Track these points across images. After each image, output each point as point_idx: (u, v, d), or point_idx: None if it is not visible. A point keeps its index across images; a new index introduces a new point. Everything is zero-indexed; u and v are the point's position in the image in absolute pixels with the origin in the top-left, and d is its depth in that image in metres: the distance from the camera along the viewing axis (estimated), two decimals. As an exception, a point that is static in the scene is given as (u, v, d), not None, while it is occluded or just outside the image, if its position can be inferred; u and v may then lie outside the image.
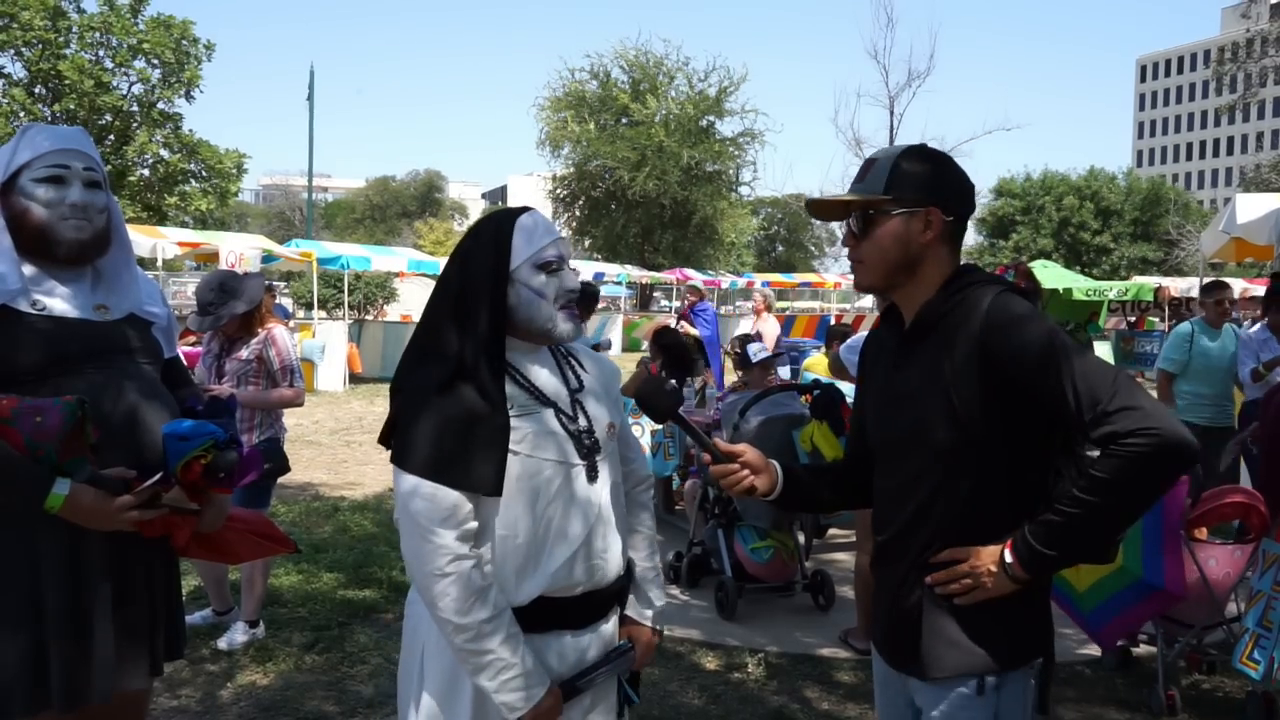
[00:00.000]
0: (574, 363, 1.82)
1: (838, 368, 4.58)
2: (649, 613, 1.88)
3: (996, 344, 1.53)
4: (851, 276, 1.78)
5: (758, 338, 8.62)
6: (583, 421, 1.74)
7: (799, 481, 1.86)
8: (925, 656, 1.63)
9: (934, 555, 1.61)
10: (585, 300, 6.57)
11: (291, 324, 14.59)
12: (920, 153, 1.68)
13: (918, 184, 1.63)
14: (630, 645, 1.83)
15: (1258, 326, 5.82)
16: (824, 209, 1.76)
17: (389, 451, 1.68)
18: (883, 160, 1.67)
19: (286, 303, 23.58)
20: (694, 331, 11.12)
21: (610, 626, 1.80)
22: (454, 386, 1.61)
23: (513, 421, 1.64)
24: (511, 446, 1.63)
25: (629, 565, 1.84)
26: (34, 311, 1.91)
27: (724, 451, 1.76)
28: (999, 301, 1.57)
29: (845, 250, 1.74)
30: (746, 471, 1.76)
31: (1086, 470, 1.49)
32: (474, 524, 1.61)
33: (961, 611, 1.60)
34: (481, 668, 1.60)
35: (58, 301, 1.95)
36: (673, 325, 9.89)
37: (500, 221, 1.73)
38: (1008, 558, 1.55)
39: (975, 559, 1.57)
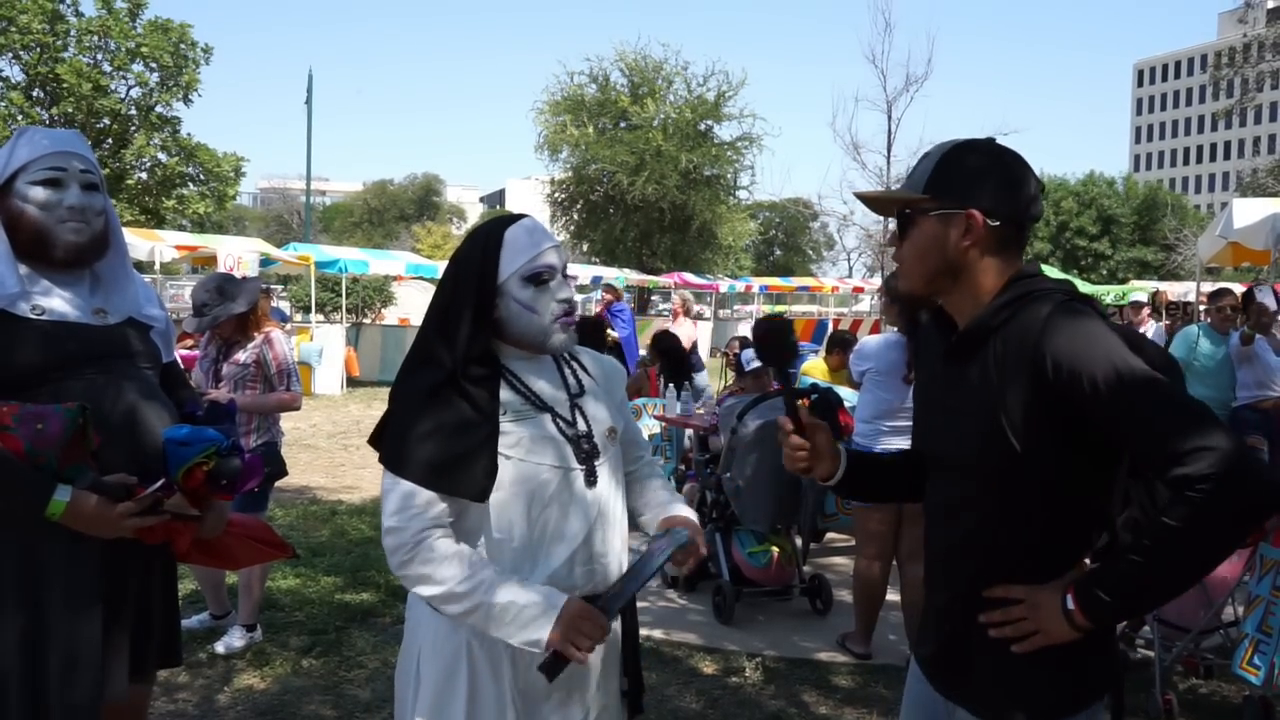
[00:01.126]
0: (576, 366, 1.82)
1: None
2: (687, 511, 1.84)
3: (1053, 364, 1.38)
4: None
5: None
6: (581, 426, 1.73)
7: (861, 473, 1.76)
8: (980, 692, 1.52)
9: (987, 589, 1.48)
10: (592, 332, 6.45)
11: (289, 327, 14.59)
12: (972, 148, 1.52)
13: (958, 183, 1.49)
14: (669, 535, 1.72)
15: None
16: (874, 204, 1.67)
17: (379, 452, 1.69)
18: (933, 154, 1.54)
19: (284, 306, 23.55)
20: (612, 333, 10.89)
21: (614, 628, 1.79)
22: (444, 393, 1.62)
23: (508, 426, 1.64)
24: (506, 451, 1.63)
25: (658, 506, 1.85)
26: (33, 315, 1.91)
27: (805, 425, 1.66)
28: (1058, 316, 1.42)
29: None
30: (810, 453, 1.66)
31: (1157, 518, 1.33)
32: (449, 520, 1.62)
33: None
34: (488, 622, 1.57)
35: (56, 304, 1.95)
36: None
37: (489, 232, 1.72)
38: (1070, 604, 1.39)
39: (1034, 605, 1.43)
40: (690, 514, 1.86)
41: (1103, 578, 1.39)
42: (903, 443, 3.74)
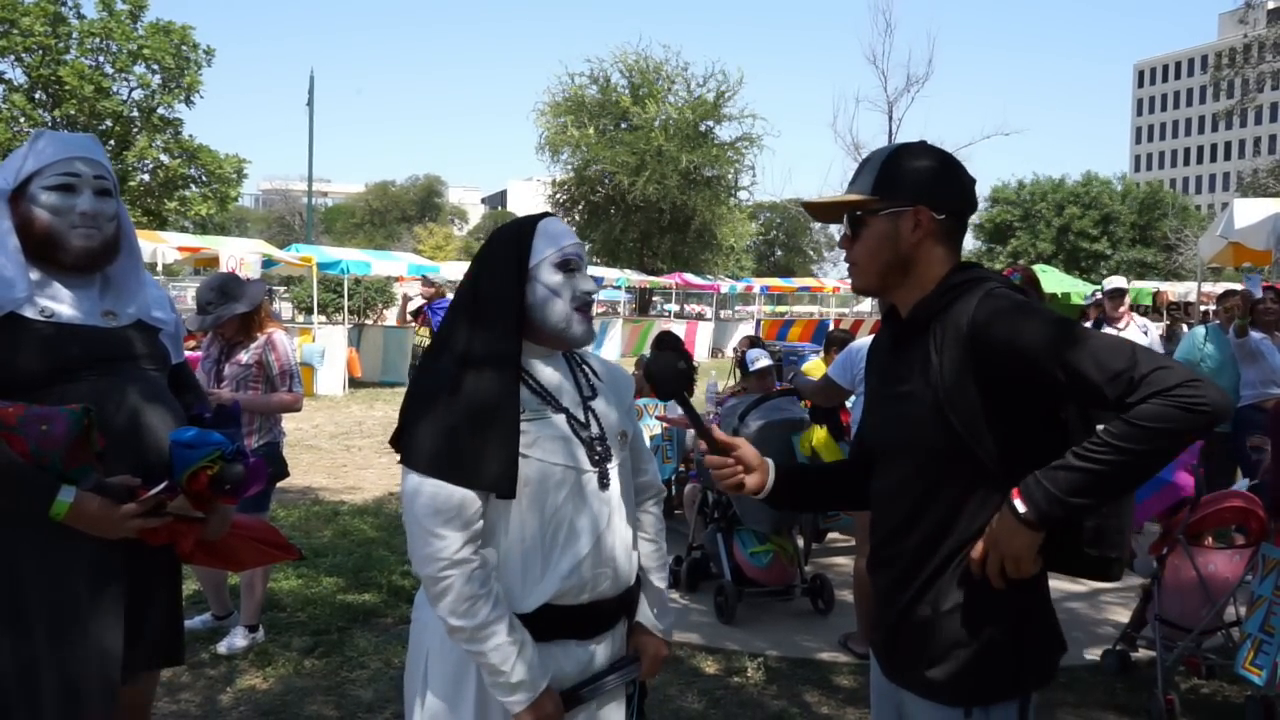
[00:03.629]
0: (588, 370, 1.83)
1: (831, 388, 4.48)
2: (657, 622, 1.88)
3: (990, 339, 1.48)
4: (849, 280, 1.76)
5: None
6: (594, 428, 1.73)
7: (794, 482, 1.82)
8: (914, 672, 1.60)
9: (919, 568, 1.57)
10: None
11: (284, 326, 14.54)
12: (911, 150, 1.64)
13: (905, 183, 1.59)
14: (637, 655, 1.82)
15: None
16: (820, 211, 1.74)
17: (394, 454, 1.68)
18: (874, 160, 1.64)
19: (287, 307, 23.56)
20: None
21: (618, 636, 1.80)
22: (466, 386, 1.61)
23: (523, 425, 1.64)
24: (523, 450, 1.63)
25: (638, 575, 1.84)
26: (41, 318, 1.92)
27: (721, 443, 1.73)
28: (990, 296, 1.53)
29: (842, 256, 1.72)
30: (739, 467, 1.73)
31: (1119, 417, 1.39)
32: (480, 524, 1.61)
33: (954, 631, 1.54)
34: (480, 665, 1.63)
35: (65, 307, 1.96)
36: (410, 322, 8.79)
37: (522, 223, 1.75)
38: (1019, 507, 1.45)
39: (991, 537, 1.49)
40: (655, 612, 1.88)
41: (1051, 474, 1.44)
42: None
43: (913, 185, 1.59)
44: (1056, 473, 1.44)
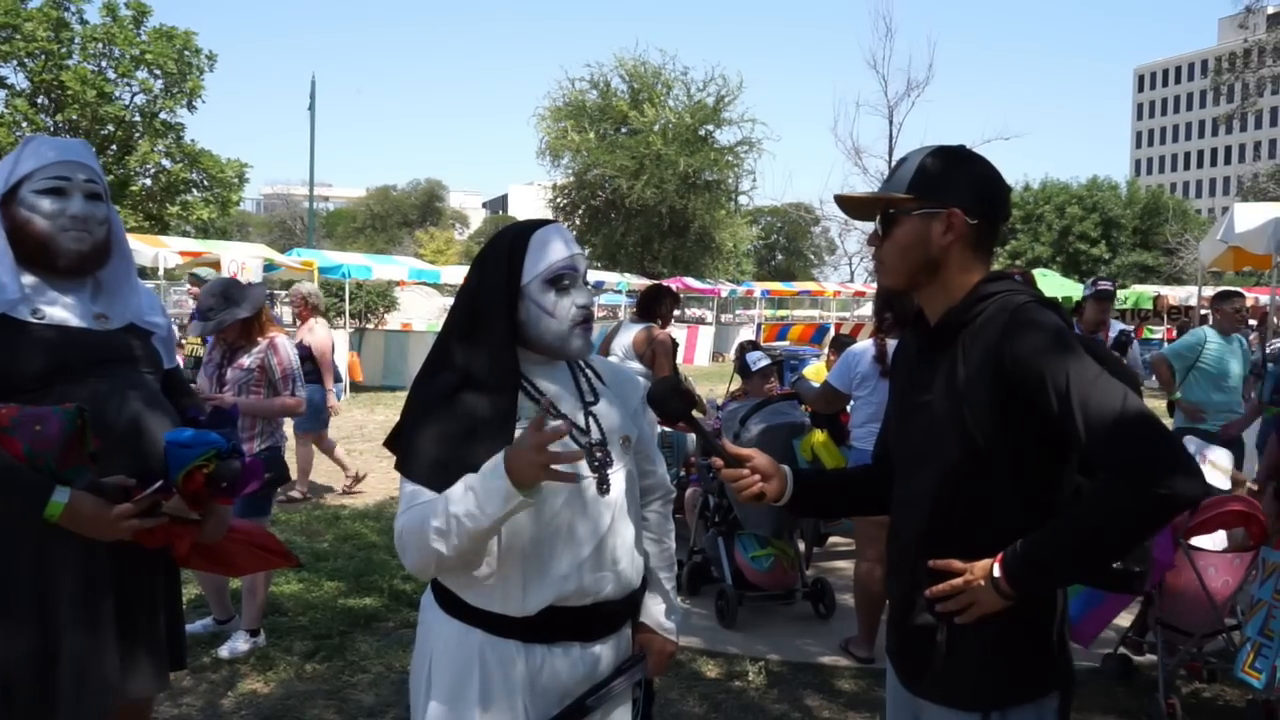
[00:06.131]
0: (590, 375, 1.82)
1: (830, 394, 4.47)
2: (664, 621, 1.87)
3: (1012, 357, 1.47)
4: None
5: (305, 350, 6.79)
6: (595, 434, 1.73)
7: (812, 487, 1.81)
8: (930, 678, 1.59)
9: (935, 575, 1.55)
10: (653, 301, 5.68)
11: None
12: (948, 152, 1.62)
13: (940, 184, 1.58)
14: (642, 655, 1.82)
15: None
16: (851, 205, 1.73)
17: (392, 457, 1.69)
18: (911, 158, 1.63)
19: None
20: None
21: (623, 639, 1.80)
22: (461, 396, 1.62)
23: (519, 433, 1.63)
24: None
25: (643, 578, 1.84)
26: (34, 320, 1.92)
27: (734, 455, 1.73)
28: (1023, 313, 1.51)
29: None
30: (756, 477, 1.72)
31: (1085, 493, 1.42)
32: None
33: (969, 636, 1.54)
34: (478, 529, 1.51)
35: (58, 310, 1.96)
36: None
37: (515, 235, 1.73)
38: (996, 572, 1.48)
39: (969, 572, 1.51)
40: (662, 610, 1.86)
41: (1026, 545, 1.47)
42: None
43: (948, 187, 1.58)
44: (1032, 545, 1.46)
